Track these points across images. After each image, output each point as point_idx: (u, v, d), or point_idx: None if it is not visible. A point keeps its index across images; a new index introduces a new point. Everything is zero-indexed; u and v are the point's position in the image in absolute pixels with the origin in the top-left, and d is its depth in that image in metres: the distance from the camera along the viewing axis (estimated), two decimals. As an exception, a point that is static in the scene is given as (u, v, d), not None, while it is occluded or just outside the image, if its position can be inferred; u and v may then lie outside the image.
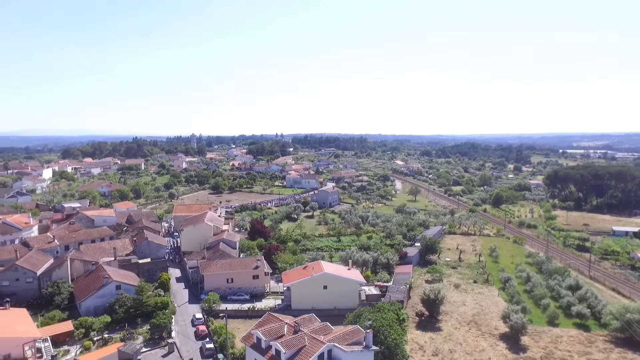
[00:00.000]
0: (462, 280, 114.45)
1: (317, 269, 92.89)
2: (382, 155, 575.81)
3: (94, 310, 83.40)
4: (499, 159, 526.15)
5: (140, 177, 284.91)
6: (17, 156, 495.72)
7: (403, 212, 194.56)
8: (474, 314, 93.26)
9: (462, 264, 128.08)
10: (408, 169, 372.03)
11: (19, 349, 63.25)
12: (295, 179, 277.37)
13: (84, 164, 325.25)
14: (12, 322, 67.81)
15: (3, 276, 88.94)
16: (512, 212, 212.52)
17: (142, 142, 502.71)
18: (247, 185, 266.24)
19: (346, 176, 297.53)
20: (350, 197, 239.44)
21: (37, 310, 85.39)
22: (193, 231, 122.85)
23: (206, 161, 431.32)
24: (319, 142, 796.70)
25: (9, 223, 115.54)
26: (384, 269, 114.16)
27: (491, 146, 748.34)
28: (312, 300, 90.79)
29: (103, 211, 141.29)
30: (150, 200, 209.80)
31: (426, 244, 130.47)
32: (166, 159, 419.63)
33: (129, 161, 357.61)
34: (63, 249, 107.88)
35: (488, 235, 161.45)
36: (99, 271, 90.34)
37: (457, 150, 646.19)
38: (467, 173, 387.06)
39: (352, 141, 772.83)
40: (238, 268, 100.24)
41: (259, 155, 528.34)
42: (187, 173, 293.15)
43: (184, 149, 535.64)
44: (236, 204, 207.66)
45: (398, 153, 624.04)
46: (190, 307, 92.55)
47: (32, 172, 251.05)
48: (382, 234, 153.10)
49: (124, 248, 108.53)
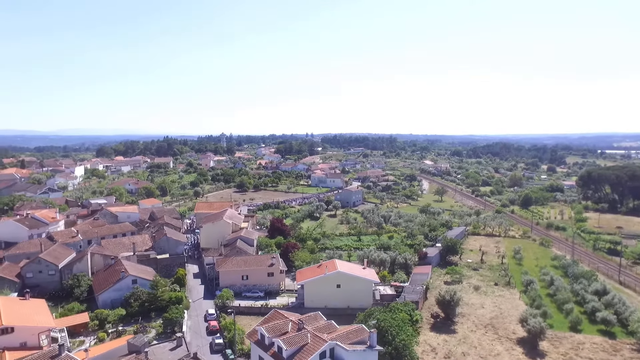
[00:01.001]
0: (482, 282, 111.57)
1: (330, 268, 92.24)
2: (411, 155, 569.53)
3: (111, 303, 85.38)
4: (532, 160, 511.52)
5: (168, 175, 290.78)
6: (55, 154, 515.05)
7: (427, 212, 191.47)
8: (492, 317, 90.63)
9: (484, 265, 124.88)
10: (436, 169, 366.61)
11: (34, 337, 65.31)
12: (320, 178, 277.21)
13: (115, 162, 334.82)
14: (31, 312, 70.03)
15: (27, 268, 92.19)
16: (540, 213, 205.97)
17: (173, 141, 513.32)
18: (272, 184, 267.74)
19: (372, 176, 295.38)
20: (374, 197, 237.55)
21: (58, 302, 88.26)
22: (212, 228, 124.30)
23: (234, 160, 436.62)
24: (347, 142, 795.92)
25: (37, 217, 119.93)
26: (401, 269, 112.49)
27: (524, 146, 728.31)
28: (325, 298, 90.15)
29: (127, 207, 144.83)
30: (176, 197, 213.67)
31: (447, 245, 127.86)
32: (195, 157, 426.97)
33: (158, 159, 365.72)
34: (86, 243, 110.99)
35: (513, 237, 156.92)
36: (117, 265, 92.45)
37: (489, 151, 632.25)
38: (498, 173, 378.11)
39: (382, 141, 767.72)
40: (253, 265, 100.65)
41: (287, 154, 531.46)
42: (213, 171, 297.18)
43: (214, 148, 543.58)
44: (259, 202, 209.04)
45: (428, 153, 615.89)
46: (204, 303, 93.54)
47: (65, 169, 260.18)
48: (403, 234, 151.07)
49: (143, 243, 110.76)
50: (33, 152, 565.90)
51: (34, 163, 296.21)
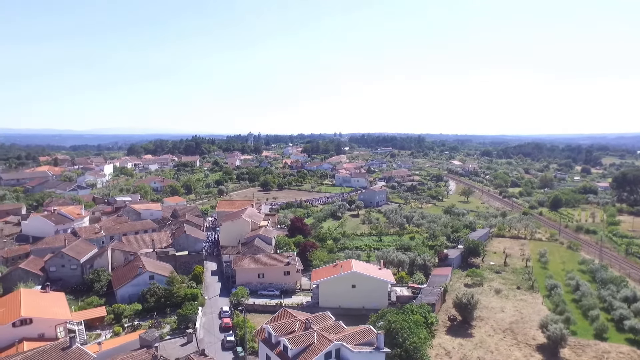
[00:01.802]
0: (504, 285, 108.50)
1: (345, 268, 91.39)
2: (439, 155, 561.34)
3: (129, 298, 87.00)
4: (566, 160, 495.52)
5: (195, 173, 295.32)
6: (89, 153, 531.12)
7: (451, 213, 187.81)
8: (511, 322, 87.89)
9: (507, 268, 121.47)
10: (464, 170, 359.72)
11: (52, 329, 67.18)
12: (344, 177, 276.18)
13: (143, 161, 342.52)
14: (49, 305, 72.04)
15: (51, 262, 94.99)
16: (570, 216, 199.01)
17: (201, 140, 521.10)
18: (296, 183, 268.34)
19: (397, 175, 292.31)
20: (399, 197, 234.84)
21: (79, 295, 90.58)
22: (231, 226, 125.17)
23: (260, 159, 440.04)
24: (375, 142, 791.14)
25: (63, 214, 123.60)
26: (420, 271, 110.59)
27: (558, 147, 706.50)
28: (339, 298, 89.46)
29: (150, 205, 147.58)
30: (200, 195, 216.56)
31: (469, 247, 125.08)
32: (222, 156, 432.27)
33: (185, 158, 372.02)
34: (108, 239, 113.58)
35: (540, 240, 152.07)
36: (135, 261, 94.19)
37: (520, 151, 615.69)
38: (528, 174, 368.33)
39: (410, 141, 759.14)
40: (269, 264, 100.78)
41: (313, 153, 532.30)
42: (238, 170, 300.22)
43: (241, 147, 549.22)
44: (282, 201, 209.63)
45: (456, 153, 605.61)
46: (220, 300, 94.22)
47: (95, 167, 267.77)
48: (425, 235, 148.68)
49: (163, 240, 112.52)
50: (68, 151, 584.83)
51: (66, 161, 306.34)
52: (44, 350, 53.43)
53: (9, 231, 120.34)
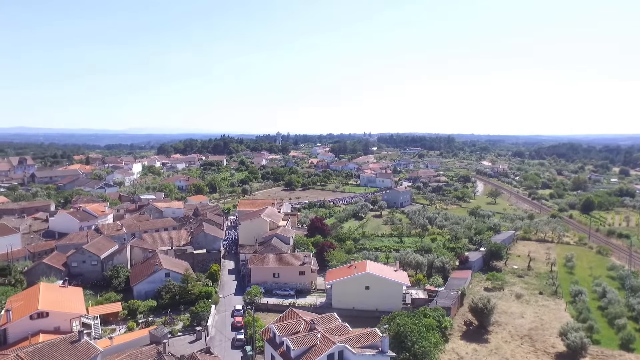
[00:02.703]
0: (526, 290, 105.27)
1: (360, 269, 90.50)
2: (469, 156, 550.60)
3: (145, 294, 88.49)
4: (602, 162, 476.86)
5: (221, 172, 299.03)
6: (122, 152, 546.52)
7: (476, 214, 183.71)
8: (530, 328, 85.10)
9: (531, 272, 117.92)
10: (493, 170, 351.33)
11: (67, 323, 68.95)
12: (369, 177, 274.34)
13: (171, 160, 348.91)
14: (66, 299, 73.99)
15: (72, 258, 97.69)
16: (603, 219, 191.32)
17: (229, 140, 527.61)
18: (321, 182, 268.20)
19: (423, 176, 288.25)
20: (424, 198, 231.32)
21: (98, 290, 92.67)
22: (250, 225, 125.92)
23: (287, 158, 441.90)
24: (404, 142, 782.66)
25: (88, 211, 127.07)
26: (438, 273, 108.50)
27: (595, 147, 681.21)
28: (353, 299, 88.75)
29: (173, 203, 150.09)
30: (224, 194, 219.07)
31: (491, 249, 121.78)
32: (249, 156, 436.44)
33: (212, 157, 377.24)
34: (130, 236, 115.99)
35: (567, 244, 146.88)
36: (153, 258, 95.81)
37: (554, 152, 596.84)
38: (561, 175, 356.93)
39: (439, 141, 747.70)
40: (284, 263, 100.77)
41: (341, 153, 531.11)
42: (264, 170, 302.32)
43: (269, 147, 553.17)
44: (305, 201, 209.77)
45: (487, 154, 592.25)
46: (234, 299, 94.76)
47: (124, 166, 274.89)
48: (447, 237, 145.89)
49: (182, 238, 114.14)
50: (102, 150, 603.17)
51: (97, 160, 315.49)
52: (53, 343, 54.80)
53: (37, 227, 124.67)
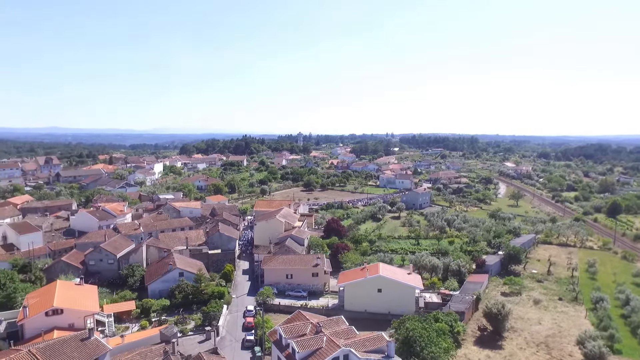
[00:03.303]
0: (545, 295, 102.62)
1: (372, 271, 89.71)
2: (492, 157, 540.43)
3: (159, 293, 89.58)
4: (634, 163, 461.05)
5: (241, 172, 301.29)
6: (146, 152, 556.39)
7: (496, 217, 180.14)
8: (547, 335, 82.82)
9: (550, 277, 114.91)
10: (516, 172, 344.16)
11: (81, 320, 70.15)
12: (389, 178, 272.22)
13: (192, 160, 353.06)
14: (81, 297, 75.35)
15: (90, 256, 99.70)
16: (630, 223, 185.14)
17: (250, 140, 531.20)
18: (340, 183, 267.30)
19: (444, 177, 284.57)
20: (444, 200, 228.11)
21: (114, 289, 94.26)
22: (265, 226, 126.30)
23: (308, 159, 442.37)
24: (426, 142, 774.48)
25: (107, 210, 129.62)
26: (454, 277, 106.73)
27: (626, 148, 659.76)
28: (365, 302, 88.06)
29: (190, 203, 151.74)
30: (243, 195, 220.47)
31: (509, 253, 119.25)
32: (270, 156, 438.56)
33: (233, 158, 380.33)
34: (147, 235, 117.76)
35: (590, 248, 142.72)
36: (167, 258, 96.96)
37: (582, 153, 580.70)
38: (588, 177, 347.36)
39: (462, 142, 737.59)
40: (298, 264, 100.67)
41: (362, 154, 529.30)
42: (283, 170, 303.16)
43: (290, 147, 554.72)
44: (323, 202, 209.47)
45: (511, 155, 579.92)
46: (247, 299, 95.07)
47: (146, 166, 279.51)
48: (465, 240, 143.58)
49: (197, 238, 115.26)
50: (127, 150, 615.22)
51: (120, 159, 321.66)
52: (64, 340, 55.87)
53: (59, 225, 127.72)
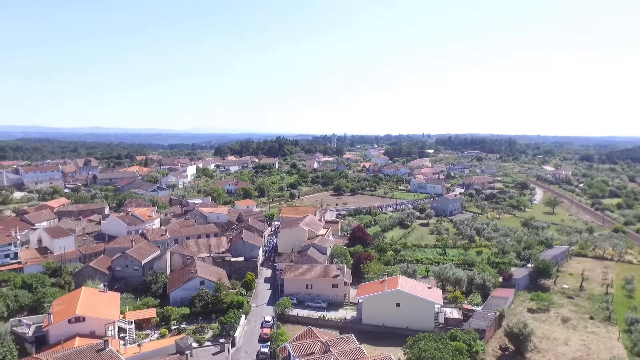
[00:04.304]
0: (574, 313, 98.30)
1: (391, 285, 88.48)
2: (531, 160, 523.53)
3: (180, 301, 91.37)
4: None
5: (272, 175, 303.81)
6: (182, 152, 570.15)
7: (529, 226, 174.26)
8: (574, 358, 79.35)
9: (582, 294, 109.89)
10: (554, 176, 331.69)
11: (101, 327, 72.64)
12: (420, 183, 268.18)
13: (225, 162, 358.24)
14: (103, 304, 77.91)
15: (117, 262, 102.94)
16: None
17: (284, 142, 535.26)
18: (370, 188, 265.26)
19: (477, 182, 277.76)
20: (475, 206, 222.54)
21: (139, 294, 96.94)
22: (289, 234, 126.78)
23: (341, 161, 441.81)
24: (463, 144, 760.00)
25: (135, 215, 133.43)
26: (478, 290, 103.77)
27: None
28: (383, 316, 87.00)
29: (217, 209, 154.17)
30: (272, 199, 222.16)
31: (538, 266, 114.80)
32: (303, 157, 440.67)
33: (264, 160, 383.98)
34: (172, 241, 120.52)
35: (630, 263, 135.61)
36: (189, 265, 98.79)
37: (629, 155, 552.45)
38: (634, 183, 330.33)
39: (500, 143, 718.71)
40: (318, 275, 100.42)
41: (395, 156, 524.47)
42: (314, 173, 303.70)
43: (323, 148, 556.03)
44: (351, 207, 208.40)
45: (551, 157, 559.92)
46: (266, 309, 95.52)
47: (179, 168, 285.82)
48: (494, 250, 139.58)
49: (221, 245, 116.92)
50: (165, 150, 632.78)
51: (155, 162, 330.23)
52: (79, 351, 57.85)
53: (91, 229, 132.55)
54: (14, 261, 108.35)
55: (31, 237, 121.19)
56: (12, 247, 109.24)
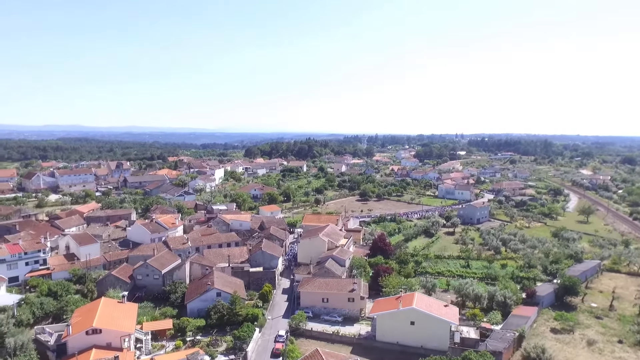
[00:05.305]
0: (602, 335, 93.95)
1: (406, 302, 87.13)
2: (568, 162, 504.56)
3: (197, 312, 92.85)
4: None
5: (299, 179, 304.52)
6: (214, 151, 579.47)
7: (560, 236, 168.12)
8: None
9: (612, 314, 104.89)
10: (591, 181, 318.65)
11: (117, 339, 74.50)
12: (448, 189, 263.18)
13: (253, 165, 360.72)
14: (120, 316, 79.80)
15: (138, 271, 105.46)
16: None
17: (313, 143, 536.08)
18: (397, 193, 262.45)
19: (508, 188, 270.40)
20: (505, 214, 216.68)
21: (159, 304, 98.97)
22: (308, 244, 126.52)
23: (370, 163, 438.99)
24: (496, 145, 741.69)
25: (159, 222, 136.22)
26: (499, 308, 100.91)
27: None
28: (397, 334, 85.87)
29: (240, 216, 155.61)
30: (297, 204, 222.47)
31: (564, 283, 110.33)
32: (332, 160, 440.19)
33: (293, 163, 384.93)
34: (194, 250, 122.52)
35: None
36: (207, 277, 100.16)
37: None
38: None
39: (535, 145, 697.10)
40: (334, 289, 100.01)
41: (426, 158, 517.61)
42: (341, 177, 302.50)
43: (353, 150, 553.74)
44: (376, 213, 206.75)
45: (589, 160, 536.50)
46: (281, 322, 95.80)
47: (208, 171, 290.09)
48: (520, 263, 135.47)
49: (240, 255, 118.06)
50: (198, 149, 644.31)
51: (184, 164, 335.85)
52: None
53: (117, 235, 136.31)
54: (43, 267, 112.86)
55: (60, 243, 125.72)
56: (42, 253, 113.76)
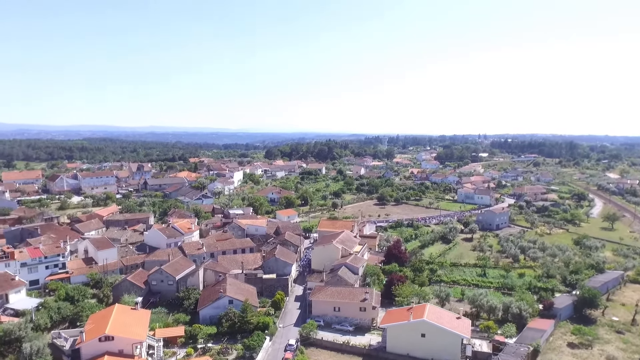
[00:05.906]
0: (623, 352, 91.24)
1: (417, 314, 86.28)
2: (594, 165, 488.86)
3: (209, 319, 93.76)
4: None
5: (318, 181, 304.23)
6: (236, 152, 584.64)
7: (582, 244, 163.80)
8: (613, 405, 73.76)
9: (635, 329, 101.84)
10: (617, 186, 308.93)
11: (129, 347, 75.82)
12: (467, 193, 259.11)
13: (272, 167, 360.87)
14: (132, 323, 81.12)
15: (152, 277, 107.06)
16: None
17: (333, 145, 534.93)
18: (415, 197, 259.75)
19: (529, 192, 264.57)
20: (525, 219, 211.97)
21: (172, 309, 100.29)
22: (322, 251, 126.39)
23: (390, 166, 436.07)
24: (520, 147, 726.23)
25: (175, 227, 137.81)
26: (514, 320, 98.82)
27: None
28: (408, 345, 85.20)
29: (256, 221, 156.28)
30: (314, 208, 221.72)
31: (583, 295, 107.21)
32: (352, 162, 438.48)
33: (312, 165, 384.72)
34: (209, 256, 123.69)
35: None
36: (219, 284, 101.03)
37: None
38: None
39: (560, 146, 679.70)
40: (346, 298, 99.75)
41: (447, 160, 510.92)
42: (360, 180, 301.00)
43: (373, 152, 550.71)
44: (394, 218, 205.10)
45: (617, 162, 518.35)
46: (292, 330, 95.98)
47: (227, 173, 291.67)
48: (538, 272, 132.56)
49: (254, 262, 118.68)
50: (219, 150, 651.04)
51: (204, 167, 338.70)
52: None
53: (135, 239, 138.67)
54: (62, 271, 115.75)
55: (79, 247, 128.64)
56: (61, 257, 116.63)
